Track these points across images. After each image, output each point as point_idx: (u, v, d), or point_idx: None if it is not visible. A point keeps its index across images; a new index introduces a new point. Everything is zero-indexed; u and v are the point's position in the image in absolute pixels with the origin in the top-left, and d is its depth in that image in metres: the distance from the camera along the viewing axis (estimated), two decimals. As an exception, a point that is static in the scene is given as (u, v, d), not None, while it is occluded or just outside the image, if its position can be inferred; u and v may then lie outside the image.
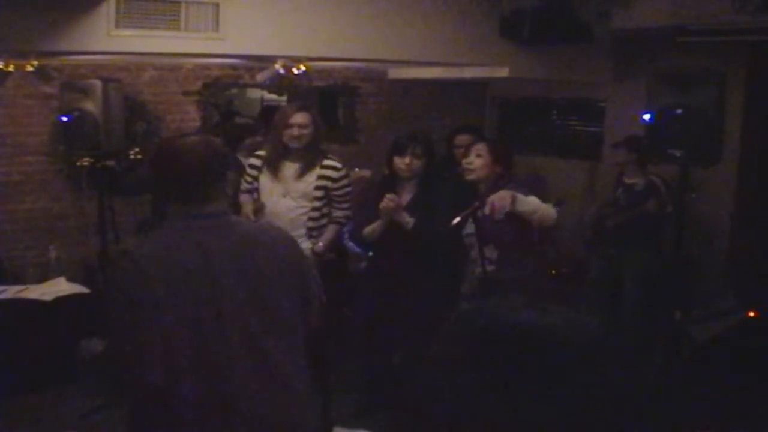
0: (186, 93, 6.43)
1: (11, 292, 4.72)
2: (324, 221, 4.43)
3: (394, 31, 5.35)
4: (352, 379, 4.55)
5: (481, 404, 0.82)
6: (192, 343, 2.10)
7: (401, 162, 4.16)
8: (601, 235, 5.44)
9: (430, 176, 4.22)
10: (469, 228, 3.93)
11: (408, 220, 4.13)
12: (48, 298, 4.70)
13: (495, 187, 3.97)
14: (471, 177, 4.02)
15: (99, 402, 4.31)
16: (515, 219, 3.70)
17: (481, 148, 4.07)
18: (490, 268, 3.90)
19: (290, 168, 4.36)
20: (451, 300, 4.19)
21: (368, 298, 4.43)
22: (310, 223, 4.37)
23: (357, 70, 6.97)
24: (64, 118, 4.84)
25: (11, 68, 5.13)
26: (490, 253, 3.93)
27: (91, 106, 4.71)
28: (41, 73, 5.23)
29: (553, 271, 5.50)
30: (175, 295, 2.08)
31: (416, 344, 4.25)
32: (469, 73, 6.19)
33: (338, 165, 4.43)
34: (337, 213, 4.45)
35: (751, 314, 4.89)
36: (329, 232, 4.43)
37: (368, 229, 4.28)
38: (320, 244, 4.36)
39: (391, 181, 4.29)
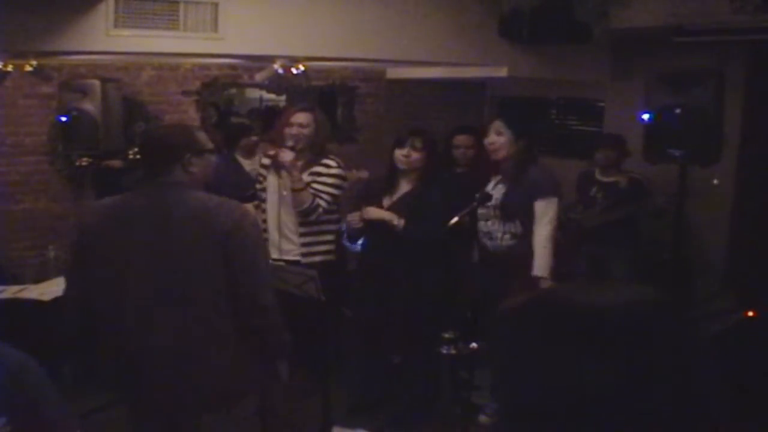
0: (185, 93, 6.43)
1: (10, 291, 4.71)
2: (314, 227, 4.36)
3: (393, 31, 5.34)
4: (350, 378, 4.55)
5: (557, 378, 0.86)
6: (107, 281, 2.60)
7: (400, 154, 4.18)
8: (575, 235, 5.38)
9: (428, 174, 4.22)
10: (495, 198, 4.00)
11: (397, 222, 4.12)
12: (47, 297, 4.69)
13: (521, 167, 3.98)
14: (498, 156, 4.00)
15: (99, 402, 4.30)
16: None
17: (499, 125, 4.04)
18: (511, 242, 4.02)
19: None
20: (448, 298, 4.19)
21: (362, 295, 4.43)
22: (302, 228, 4.36)
23: (356, 70, 6.97)
24: (63, 118, 4.84)
25: (10, 68, 5.13)
26: (515, 228, 4.02)
27: (89, 106, 4.71)
28: (40, 73, 5.22)
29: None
30: (99, 240, 2.62)
31: (414, 343, 4.26)
32: (468, 72, 6.18)
33: (332, 164, 4.37)
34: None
35: (750, 314, 4.88)
36: (306, 192, 4.26)
37: (349, 216, 4.27)
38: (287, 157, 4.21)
39: (391, 177, 4.29)
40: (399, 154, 4.18)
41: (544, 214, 3.97)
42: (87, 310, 2.71)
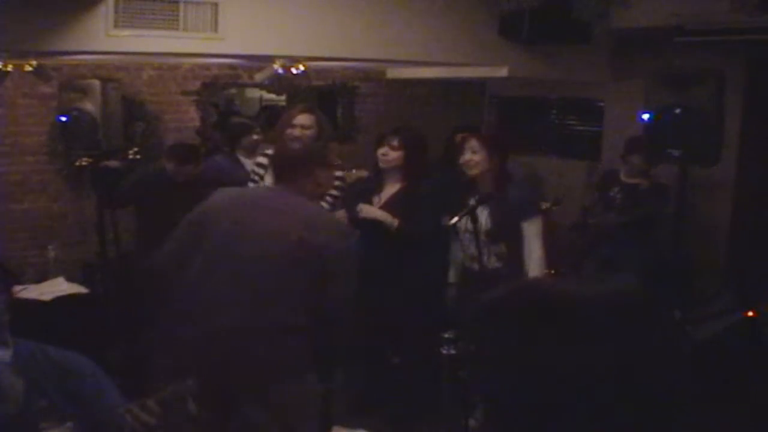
0: (185, 93, 6.43)
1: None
2: None
3: (393, 31, 5.34)
4: (350, 378, 4.54)
5: (527, 362, 0.87)
6: (202, 256, 2.79)
7: (379, 152, 4.21)
8: (590, 238, 5.36)
9: (413, 172, 4.20)
10: (479, 222, 3.94)
11: (391, 220, 4.11)
12: (47, 297, 4.69)
13: (497, 187, 3.96)
14: (474, 173, 4.00)
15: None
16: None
17: (474, 144, 4.03)
18: (498, 263, 3.95)
19: None
20: (437, 295, 4.20)
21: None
22: None
23: (356, 70, 6.97)
24: (63, 118, 4.83)
25: (10, 68, 5.12)
26: (500, 249, 3.97)
27: (89, 105, 4.70)
28: (40, 73, 5.22)
29: (552, 271, 5.48)
30: (211, 222, 2.85)
31: (410, 341, 4.26)
32: (468, 72, 6.19)
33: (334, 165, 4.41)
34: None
35: (751, 314, 4.88)
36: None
37: (338, 215, 4.26)
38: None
39: (378, 177, 4.30)
40: (378, 152, 4.21)
41: (534, 234, 3.96)
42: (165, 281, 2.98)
